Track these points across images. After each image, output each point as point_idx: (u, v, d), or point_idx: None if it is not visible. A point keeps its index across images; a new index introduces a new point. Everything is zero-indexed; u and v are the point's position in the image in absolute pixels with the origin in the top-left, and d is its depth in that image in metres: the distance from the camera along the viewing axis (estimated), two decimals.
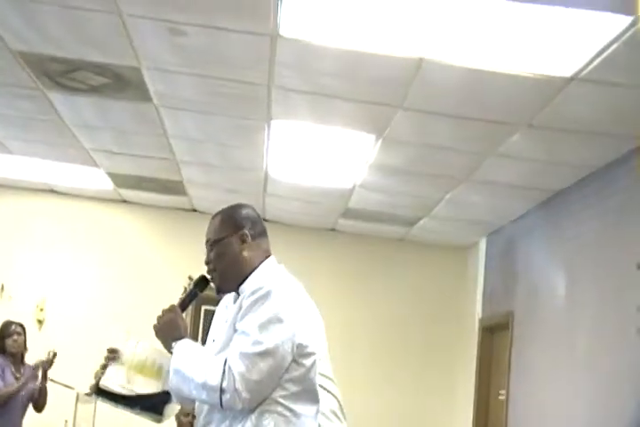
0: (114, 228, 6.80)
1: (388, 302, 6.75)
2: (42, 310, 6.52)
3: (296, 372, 2.30)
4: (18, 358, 5.54)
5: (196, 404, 2.46)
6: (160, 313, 2.50)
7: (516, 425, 5.11)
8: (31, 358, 5.62)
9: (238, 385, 2.21)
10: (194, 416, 2.97)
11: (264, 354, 2.24)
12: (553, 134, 3.89)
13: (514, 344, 5.30)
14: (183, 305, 2.57)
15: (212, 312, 7.84)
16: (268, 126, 4.34)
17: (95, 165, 5.66)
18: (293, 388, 2.30)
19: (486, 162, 4.44)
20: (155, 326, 2.47)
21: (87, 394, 3.67)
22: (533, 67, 3.19)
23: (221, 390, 2.22)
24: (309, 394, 2.35)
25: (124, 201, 6.77)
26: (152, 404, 3.16)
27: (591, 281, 4.26)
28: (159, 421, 3.24)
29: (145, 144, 5.03)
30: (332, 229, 6.78)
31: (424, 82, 3.46)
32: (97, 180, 6.10)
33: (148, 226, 6.81)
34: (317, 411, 2.39)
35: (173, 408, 3.24)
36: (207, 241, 2.49)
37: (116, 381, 3.21)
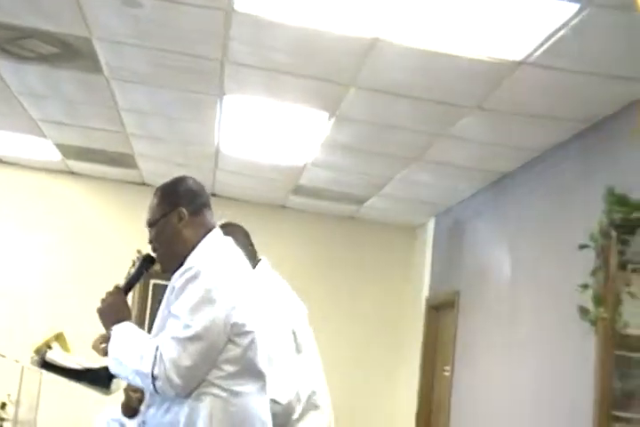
0: (62, 199, 6.70)
1: (336, 279, 6.81)
2: None
3: (232, 352, 2.26)
4: None
5: None
6: (104, 296, 2.45)
7: (460, 401, 5.23)
8: None
9: (169, 372, 2.18)
10: (142, 392, 2.98)
11: (194, 338, 2.20)
12: (502, 117, 3.95)
13: (459, 322, 5.42)
14: (128, 287, 2.54)
15: (161, 286, 7.79)
16: (221, 101, 4.32)
17: (43, 135, 5.56)
18: (230, 368, 2.26)
19: (437, 142, 4.48)
20: (98, 309, 2.44)
21: (32, 364, 3.66)
22: (485, 50, 3.23)
23: (153, 377, 2.19)
24: (250, 372, 2.31)
25: (73, 173, 6.67)
26: (98, 377, 3.18)
27: (533, 261, 4.37)
28: (106, 394, 3.27)
29: (95, 116, 4.96)
30: (283, 206, 6.79)
31: (377, 61, 3.47)
32: (45, 150, 6.00)
33: (97, 198, 6.73)
34: (262, 387, 2.35)
35: (119, 383, 3.25)
36: (147, 221, 2.47)
37: (62, 355, 3.22)
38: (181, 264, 2.35)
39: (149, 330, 2.48)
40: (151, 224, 2.45)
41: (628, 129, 3.44)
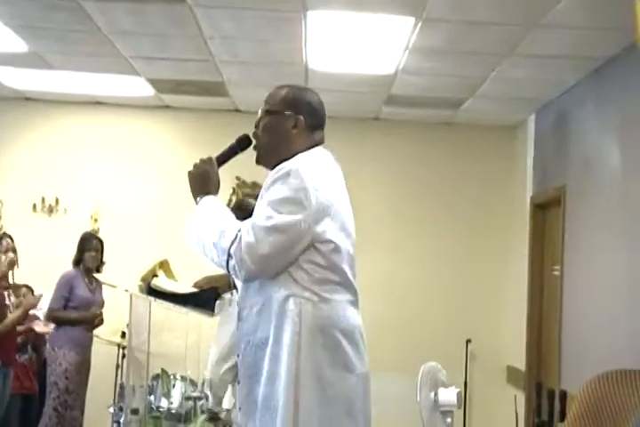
0: (159, 134, 6.87)
1: (438, 186, 6.78)
2: (96, 220, 6.69)
3: (317, 257, 2.29)
4: (92, 271, 5.76)
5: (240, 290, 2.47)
6: (197, 162, 2.51)
7: (572, 300, 5.14)
8: (105, 270, 5.84)
9: (244, 254, 2.22)
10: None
11: (274, 229, 2.23)
12: None
13: (567, 220, 5.26)
14: (221, 160, 2.55)
15: None
16: (305, 17, 4.26)
17: (135, 72, 5.65)
18: (317, 273, 2.29)
19: (530, 34, 4.31)
20: (189, 173, 2.51)
21: (140, 292, 3.85)
22: None
23: (229, 255, 2.24)
24: (339, 282, 2.32)
25: (167, 106, 6.79)
26: (202, 300, 3.32)
27: None
28: (211, 315, 3.42)
29: (182, 47, 4.99)
30: (376, 118, 6.74)
31: None
32: (138, 87, 6.11)
33: (192, 130, 6.85)
34: (353, 299, 2.37)
35: (222, 305, 3.39)
36: (264, 106, 2.48)
37: (167, 282, 3.38)
38: (278, 163, 2.37)
39: None
40: (266, 112, 2.47)
41: None
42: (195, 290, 3.47)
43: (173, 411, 5.28)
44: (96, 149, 6.79)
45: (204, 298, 3.37)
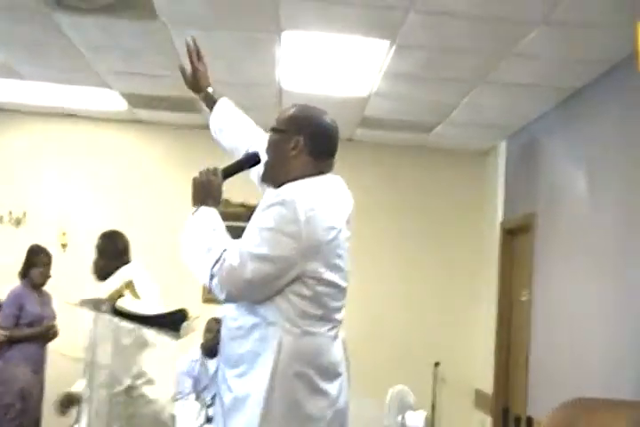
0: (132, 149, 6.83)
1: (408, 208, 6.80)
2: (64, 234, 6.62)
3: (303, 290, 2.25)
4: (39, 286, 5.64)
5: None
6: (203, 170, 2.44)
7: (540, 326, 5.18)
8: (54, 284, 5.73)
9: (225, 277, 2.18)
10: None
11: (261, 258, 2.18)
12: (570, 30, 3.80)
13: (535, 246, 5.32)
14: (227, 173, 2.47)
15: (233, 228, 7.92)
16: (279, 38, 4.27)
17: (108, 86, 5.62)
18: (301, 306, 2.25)
19: (502, 63, 4.36)
20: (193, 180, 2.43)
21: (105, 312, 3.78)
22: None
23: (211, 275, 2.21)
24: (322, 315, 2.30)
25: (140, 121, 6.76)
26: (168, 322, 3.28)
27: (614, 180, 4.18)
28: (176, 338, 3.37)
29: (156, 63, 4.97)
30: (350, 140, 6.75)
31: None
32: (111, 101, 6.08)
33: (166, 145, 6.83)
34: (335, 331, 2.35)
35: (190, 326, 3.35)
36: (274, 125, 2.44)
37: (131, 302, 3.34)
38: (279, 185, 2.34)
39: None
40: (272, 129, 2.43)
41: None
42: (160, 312, 3.43)
43: None
44: (68, 161, 6.73)
45: (170, 320, 3.32)
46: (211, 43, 4.44)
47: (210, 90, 3.00)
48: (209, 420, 5.31)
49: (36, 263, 5.59)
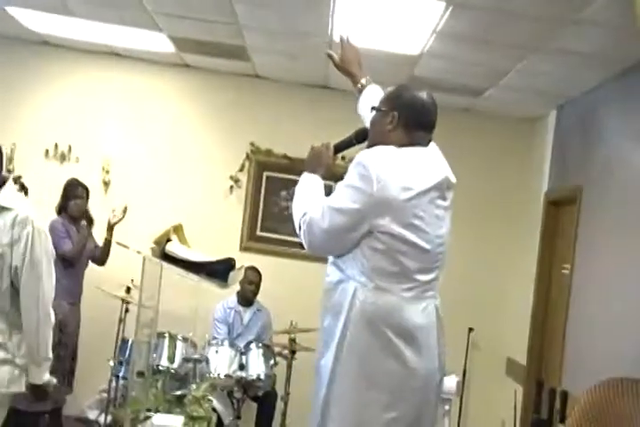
0: (176, 93, 6.80)
1: (453, 172, 6.68)
2: (107, 172, 6.65)
3: (378, 244, 2.44)
4: (78, 221, 5.67)
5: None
6: (317, 144, 2.73)
7: (579, 301, 5.08)
8: (97, 221, 5.80)
9: (308, 227, 2.48)
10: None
11: (336, 210, 2.43)
12: None
13: (581, 220, 5.17)
14: (338, 148, 2.74)
15: (274, 179, 7.91)
16: None
17: (158, 28, 5.56)
18: (375, 260, 2.44)
19: (563, 30, 4.19)
20: (308, 153, 2.74)
21: (153, 255, 3.79)
22: None
23: (299, 226, 2.53)
24: (395, 271, 2.46)
25: (187, 65, 6.71)
26: (216, 270, 3.29)
27: None
28: (224, 287, 3.39)
29: (208, 8, 4.89)
30: None
31: None
32: (159, 44, 6.02)
33: (210, 91, 6.78)
34: (411, 292, 2.49)
35: (236, 276, 3.37)
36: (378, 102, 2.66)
37: (180, 248, 3.34)
38: None
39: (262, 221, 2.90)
40: (372, 108, 2.65)
41: None
42: (209, 259, 3.44)
43: (173, 371, 5.33)
44: (112, 101, 6.73)
45: (218, 268, 3.35)
46: None
47: (363, 81, 3.18)
48: (242, 367, 5.39)
49: (74, 196, 5.64)
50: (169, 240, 3.56)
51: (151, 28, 5.57)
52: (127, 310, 5.70)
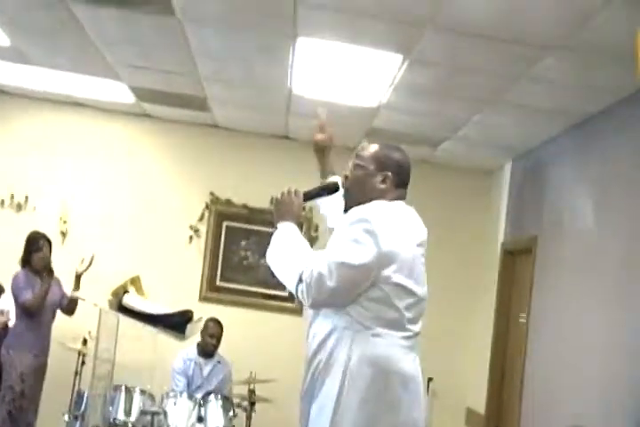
0: (136, 142, 6.79)
1: None
2: (65, 222, 6.57)
3: (378, 294, 2.45)
4: (42, 274, 5.59)
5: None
6: (286, 190, 2.67)
7: (536, 348, 5.13)
8: (55, 271, 5.71)
9: (314, 283, 2.41)
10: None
11: (345, 265, 2.41)
12: (587, 57, 3.76)
13: (536, 269, 5.27)
14: (307, 196, 2.70)
15: (234, 229, 7.86)
16: (294, 44, 4.24)
17: (118, 78, 5.59)
18: (374, 310, 2.45)
19: (517, 84, 4.32)
20: (276, 200, 2.67)
21: (110, 307, 3.74)
22: None
23: (299, 279, 2.43)
24: (393, 318, 2.48)
25: (147, 115, 6.73)
26: (174, 322, 3.25)
27: (622, 208, 4.15)
28: (181, 339, 3.34)
29: (169, 59, 4.94)
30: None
31: (456, 0, 3.33)
32: (120, 93, 6.04)
33: (170, 141, 6.80)
34: (406, 341, 2.50)
35: (195, 327, 3.33)
36: (356, 157, 2.70)
37: (137, 299, 3.29)
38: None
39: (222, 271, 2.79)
40: (358, 166, 2.66)
41: None
42: (167, 311, 3.40)
43: (130, 425, 5.23)
44: (71, 150, 6.69)
45: (175, 320, 3.31)
46: (225, 42, 4.43)
47: (331, 178, 3.16)
48: (200, 419, 5.29)
49: (36, 249, 5.57)
50: (126, 292, 3.51)
51: (112, 78, 5.59)
52: (83, 363, 5.58)
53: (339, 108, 5.46)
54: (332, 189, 2.70)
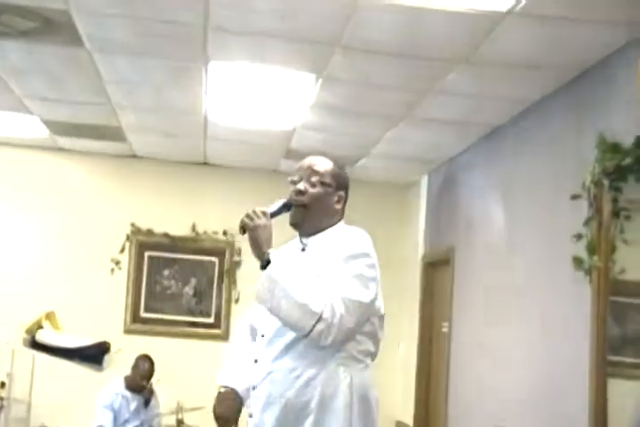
0: (52, 177, 6.68)
1: None
2: None
3: (370, 328, 2.47)
4: None
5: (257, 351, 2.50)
6: (251, 212, 2.43)
7: (457, 356, 5.27)
8: None
9: (336, 322, 2.30)
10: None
11: (363, 305, 2.38)
12: (490, 69, 3.92)
13: (455, 279, 5.42)
14: (273, 215, 2.51)
15: (156, 258, 7.78)
16: (206, 68, 4.27)
17: (29, 112, 5.51)
18: (364, 344, 2.46)
19: (426, 99, 4.46)
20: (247, 224, 2.42)
21: (24, 345, 3.65)
22: (470, 2, 3.19)
23: (319, 319, 2.29)
24: (373, 351, 2.52)
25: (62, 149, 6.63)
26: (90, 354, 3.20)
27: (527, 214, 4.34)
28: (99, 370, 3.29)
29: (79, 90, 4.91)
30: (275, 171, 6.77)
31: (361, 20, 3.43)
32: (32, 127, 5.95)
33: (88, 173, 6.71)
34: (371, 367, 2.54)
35: (113, 358, 3.27)
36: (314, 172, 2.54)
37: (52, 334, 3.24)
38: (317, 231, 2.55)
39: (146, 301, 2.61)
40: (319, 182, 2.54)
41: (618, 74, 3.42)
42: (82, 344, 3.34)
43: None
44: None
45: (92, 352, 3.25)
46: (136, 69, 4.42)
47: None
48: None
49: None
50: (40, 328, 3.45)
51: (22, 112, 5.50)
52: (1, 407, 5.39)
53: (256, 132, 5.52)
54: (287, 208, 2.57)
